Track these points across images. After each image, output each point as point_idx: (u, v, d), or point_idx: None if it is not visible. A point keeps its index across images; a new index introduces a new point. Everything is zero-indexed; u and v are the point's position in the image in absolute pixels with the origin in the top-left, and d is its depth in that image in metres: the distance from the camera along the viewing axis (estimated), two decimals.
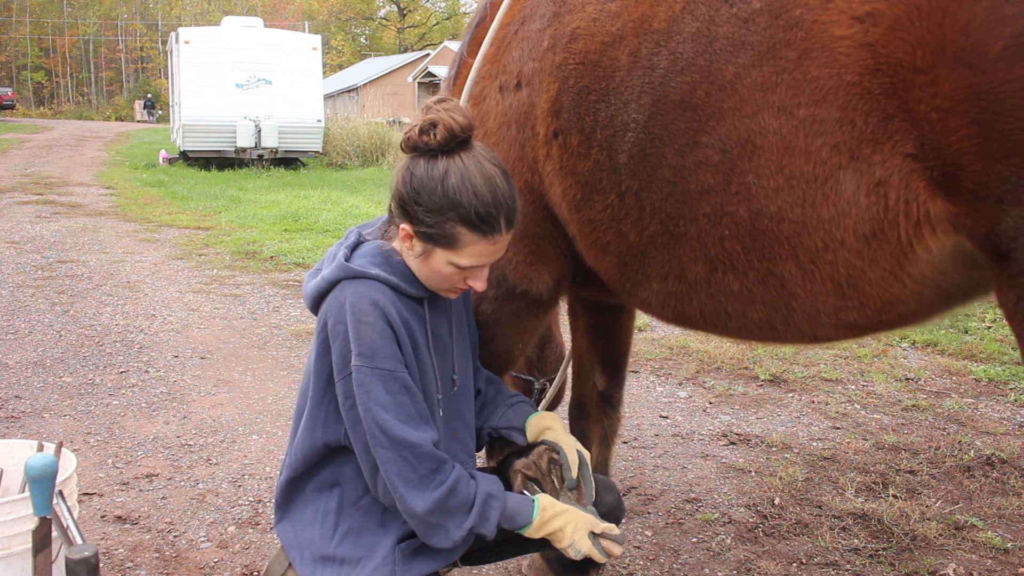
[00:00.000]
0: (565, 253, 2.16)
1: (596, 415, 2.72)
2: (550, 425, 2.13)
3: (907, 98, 1.54)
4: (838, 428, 4.33)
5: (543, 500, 1.96)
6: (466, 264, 1.85)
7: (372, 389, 1.79)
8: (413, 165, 1.82)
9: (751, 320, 1.87)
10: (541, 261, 2.15)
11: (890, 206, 1.60)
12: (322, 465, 1.99)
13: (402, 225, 1.87)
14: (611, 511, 2.22)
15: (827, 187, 1.64)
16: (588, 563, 2.73)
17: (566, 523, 1.94)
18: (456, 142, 1.81)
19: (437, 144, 1.80)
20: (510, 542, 2.27)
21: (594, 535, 1.97)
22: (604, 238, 2.01)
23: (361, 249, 1.97)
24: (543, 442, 2.11)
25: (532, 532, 1.94)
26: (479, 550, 2.19)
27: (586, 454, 2.12)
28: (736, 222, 1.75)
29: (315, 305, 1.95)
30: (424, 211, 1.80)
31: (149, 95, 53.81)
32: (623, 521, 3.28)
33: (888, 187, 1.59)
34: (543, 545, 2.34)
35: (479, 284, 1.91)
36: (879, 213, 1.61)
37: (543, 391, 3.14)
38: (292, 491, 2.03)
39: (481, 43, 2.22)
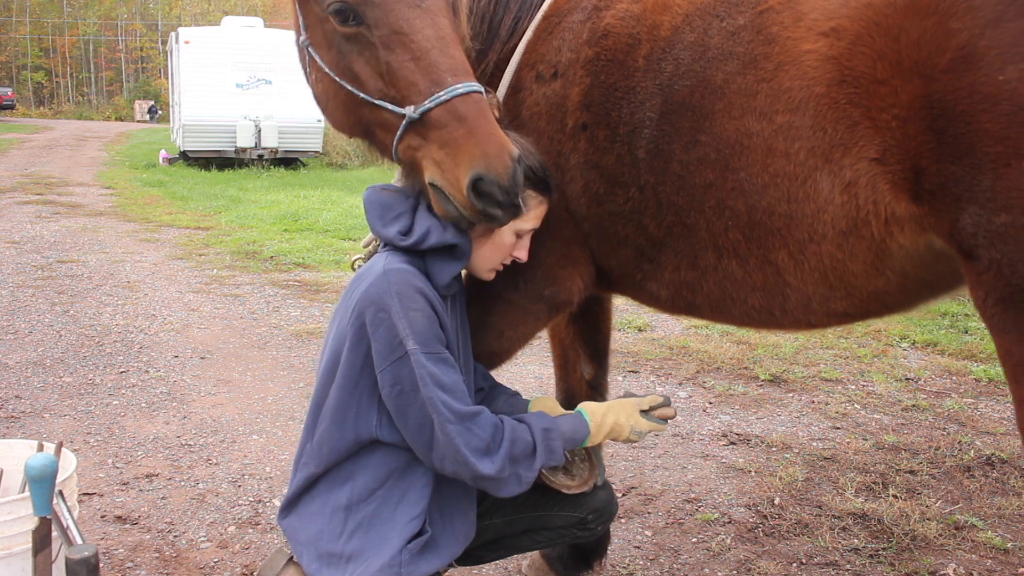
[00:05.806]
0: (590, 257, 2.22)
1: None
2: (552, 405, 2.22)
3: (870, 107, 1.69)
4: (838, 428, 4.33)
5: (587, 407, 2.09)
6: (529, 227, 2.04)
7: (433, 372, 1.86)
8: None
9: (752, 306, 2.02)
10: (572, 264, 2.21)
11: (861, 205, 1.75)
12: (339, 461, 1.99)
13: None
14: (604, 507, 2.24)
15: (807, 186, 1.80)
16: (591, 557, 2.74)
17: (618, 415, 2.06)
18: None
19: None
20: (506, 541, 2.28)
21: (645, 412, 2.10)
22: (623, 232, 2.10)
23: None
24: None
25: (593, 438, 2.04)
26: (476, 548, 2.20)
27: None
28: (735, 214, 1.90)
29: None
30: None
31: (153, 103, 53.74)
32: (620, 520, 3.28)
33: (857, 188, 1.74)
34: (538, 544, 2.35)
35: (523, 254, 2.09)
36: (852, 211, 1.76)
37: None
38: (303, 486, 2.03)
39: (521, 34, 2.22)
